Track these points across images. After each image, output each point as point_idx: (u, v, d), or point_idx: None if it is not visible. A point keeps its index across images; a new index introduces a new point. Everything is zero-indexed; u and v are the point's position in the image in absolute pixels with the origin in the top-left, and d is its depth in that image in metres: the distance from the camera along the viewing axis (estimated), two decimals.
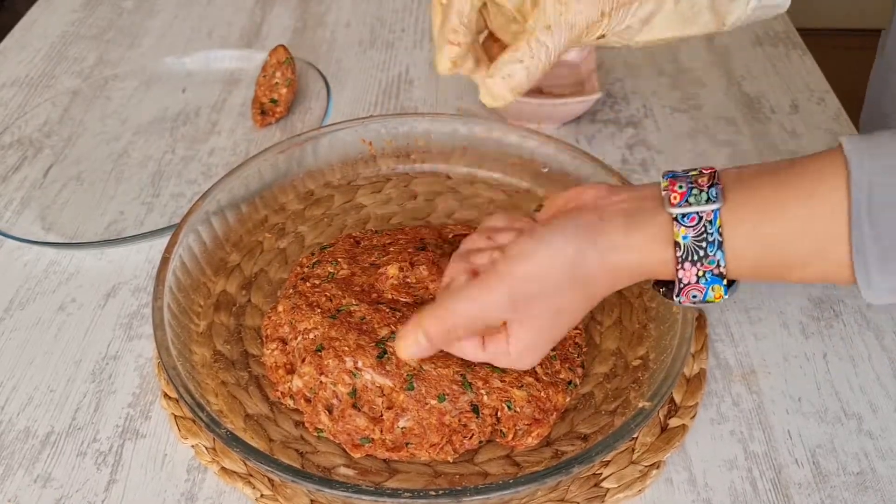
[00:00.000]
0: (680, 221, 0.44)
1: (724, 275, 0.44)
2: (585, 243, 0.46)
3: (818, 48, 1.03)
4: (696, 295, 0.46)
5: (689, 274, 0.45)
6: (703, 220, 0.44)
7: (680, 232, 0.44)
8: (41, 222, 0.74)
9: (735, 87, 0.89)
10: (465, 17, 0.48)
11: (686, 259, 0.44)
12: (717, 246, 0.44)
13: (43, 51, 0.99)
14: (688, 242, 0.44)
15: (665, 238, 0.45)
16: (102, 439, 0.57)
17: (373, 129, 0.73)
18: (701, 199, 0.44)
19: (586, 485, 0.53)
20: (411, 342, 0.49)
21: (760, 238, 0.43)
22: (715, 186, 0.44)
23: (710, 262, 0.44)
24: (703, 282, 0.45)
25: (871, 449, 0.55)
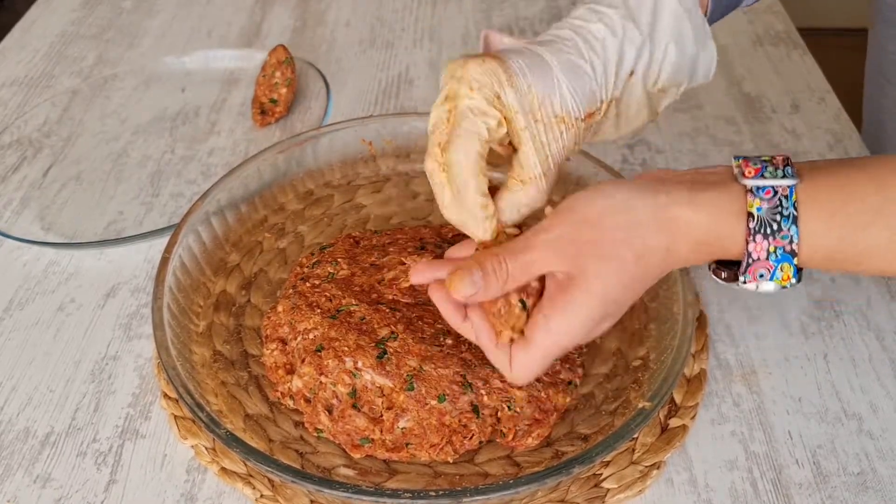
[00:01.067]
0: (755, 193, 0.43)
1: (796, 253, 0.43)
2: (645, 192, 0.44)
3: (818, 48, 1.03)
4: (764, 274, 0.44)
5: (760, 248, 0.43)
6: (779, 193, 0.43)
7: (755, 203, 0.43)
8: (40, 222, 0.74)
9: (735, 87, 0.89)
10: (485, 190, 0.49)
11: (758, 231, 0.43)
12: (791, 220, 0.43)
13: (42, 51, 0.99)
14: (762, 214, 0.43)
15: (737, 209, 0.43)
16: (102, 439, 0.57)
17: (373, 129, 0.73)
18: (777, 175, 0.43)
19: (587, 485, 0.53)
20: (465, 277, 0.46)
21: (837, 222, 0.43)
22: (790, 166, 0.44)
23: (783, 238, 0.43)
24: (774, 259, 0.43)
25: (871, 449, 0.55)
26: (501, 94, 0.47)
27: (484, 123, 0.47)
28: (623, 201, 0.44)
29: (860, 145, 0.81)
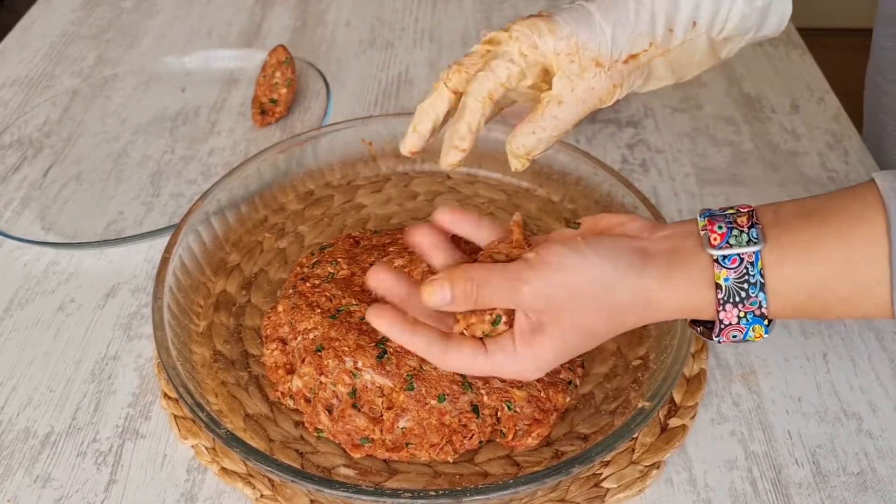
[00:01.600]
0: (721, 263, 0.44)
1: (766, 315, 0.44)
2: (628, 272, 0.45)
3: (818, 48, 1.03)
4: (737, 335, 0.45)
5: (731, 315, 0.45)
6: (745, 261, 0.44)
7: (721, 274, 0.44)
8: (41, 222, 0.74)
9: (735, 87, 0.89)
10: (473, 125, 0.50)
11: (728, 301, 0.44)
12: (759, 287, 0.44)
13: (42, 51, 0.99)
14: (729, 284, 0.44)
15: (706, 280, 0.44)
16: (102, 439, 0.57)
17: (373, 129, 0.73)
18: (742, 241, 0.44)
19: (586, 485, 0.53)
20: (437, 289, 0.47)
21: (803, 282, 0.43)
22: (755, 227, 0.44)
23: (752, 304, 0.44)
24: (745, 322, 0.45)
25: (871, 449, 0.55)
26: (539, 42, 0.49)
27: (507, 69, 0.49)
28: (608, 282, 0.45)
29: (860, 145, 0.81)
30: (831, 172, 0.77)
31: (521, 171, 0.72)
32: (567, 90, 0.49)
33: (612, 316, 0.46)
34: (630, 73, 0.50)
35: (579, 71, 0.49)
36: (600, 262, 0.45)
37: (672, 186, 0.76)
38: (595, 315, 0.46)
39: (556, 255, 0.46)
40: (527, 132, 0.50)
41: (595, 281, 0.45)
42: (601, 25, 0.49)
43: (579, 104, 0.49)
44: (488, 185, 0.73)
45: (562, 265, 0.45)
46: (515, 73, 0.49)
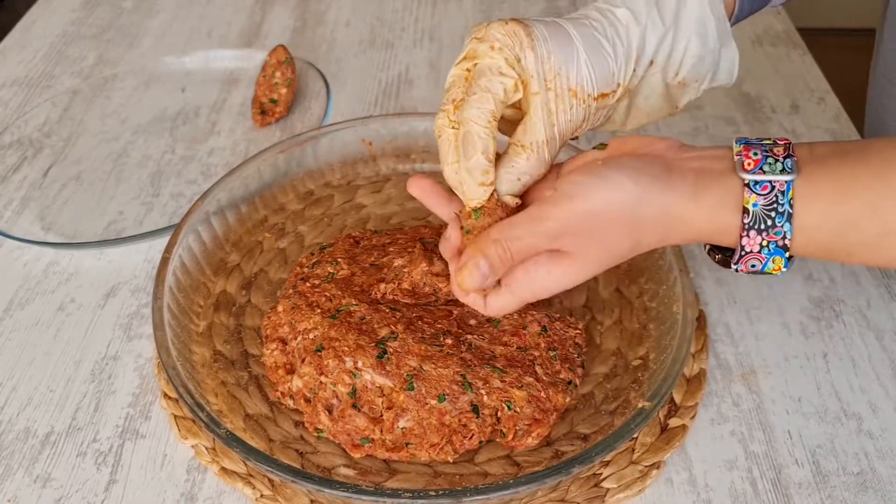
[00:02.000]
0: (752, 188, 0.43)
1: (788, 247, 0.44)
2: (651, 190, 0.45)
3: (818, 48, 1.03)
4: (756, 265, 0.45)
5: (753, 242, 0.44)
6: (776, 189, 0.43)
7: (751, 199, 0.43)
8: (41, 222, 0.74)
9: (735, 87, 0.89)
10: (491, 154, 0.48)
11: (752, 227, 0.44)
12: (786, 217, 0.43)
13: (42, 51, 0.99)
14: (757, 210, 0.43)
15: (733, 203, 0.44)
16: (102, 439, 0.57)
17: (373, 129, 0.73)
18: (776, 169, 0.43)
19: (586, 485, 0.53)
20: (472, 268, 0.47)
21: (831, 218, 0.43)
22: (790, 157, 0.44)
23: (776, 233, 0.44)
24: (766, 252, 0.44)
25: (871, 449, 0.55)
26: (522, 57, 0.48)
27: (501, 84, 0.47)
28: (631, 198, 0.45)
29: None
30: None
31: None
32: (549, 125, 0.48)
33: (634, 232, 0.46)
34: (597, 110, 0.50)
35: (557, 100, 0.48)
36: (621, 179, 0.45)
37: None
38: (617, 234, 0.46)
39: (572, 185, 0.45)
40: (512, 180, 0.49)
41: (616, 201, 0.45)
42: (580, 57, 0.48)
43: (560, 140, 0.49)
44: None
45: (578, 193, 0.45)
46: (510, 86, 0.48)
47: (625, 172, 0.45)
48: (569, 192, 0.45)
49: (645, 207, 0.45)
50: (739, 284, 0.66)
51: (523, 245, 0.46)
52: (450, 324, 0.57)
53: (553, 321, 0.59)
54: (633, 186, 0.45)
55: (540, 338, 0.57)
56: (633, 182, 0.45)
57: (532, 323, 0.57)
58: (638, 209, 0.45)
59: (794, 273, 0.67)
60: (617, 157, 0.47)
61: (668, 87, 0.52)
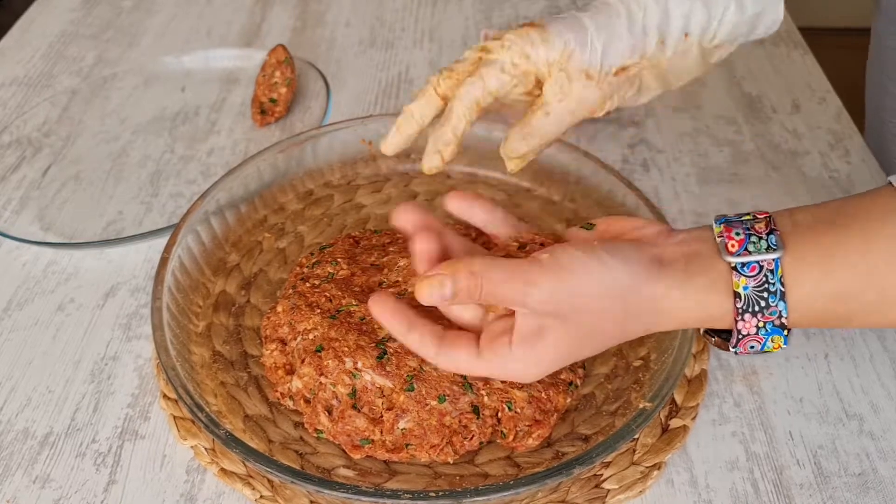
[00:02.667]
0: (739, 271, 0.43)
1: (786, 325, 0.43)
2: (644, 279, 0.44)
3: (819, 47, 1.02)
4: (755, 346, 0.44)
5: (749, 325, 0.43)
6: (765, 269, 0.42)
7: (740, 282, 0.43)
8: (40, 222, 0.74)
9: (736, 87, 0.89)
10: (459, 131, 0.50)
11: (746, 310, 0.43)
12: (779, 296, 0.42)
13: (41, 50, 0.99)
14: (748, 293, 0.43)
15: (724, 287, 0.43)
16: (101, 440, 0.57)
17: (373, 129, 0.73)
18: (761, 248, 0.42)
19: (587, 486, 0.53)
20: (436, 284, 0.44)
21: (825, 290, 0.42)
22: (774, 233, 0.43)
23: (771, 313, 0.43)
24: (763, 332, 0.43)
25: (872, 450, 0.55)
26: (531, 52, 0.50)
27: (497, 79, 0.50)
28: (623, 286, 0.43)
29: (861, 145, 0.81)
30: (833, 172, 0.77)
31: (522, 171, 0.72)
32: (555, 100, 0.50)
33: (624, 322, 0.45)
34: (620, 85, 0.51)
35: (569, 82, 0.49)
36: (616, 266, 0.44)
37: (673, 186, 0.76)
38: (605, 321, 0.44)
39: (570, 258, 0.44)
40: (517, 138, 0.51)
41: (610, 286, 0.43)
42: (593, 38, 0.49)
43: (567, 115, 0.50)
44: (488, 184, 0.73)
45: (575, 269, 0.43)
46: (506, 83, 0.50)
47: (619, 259, 0.44)
48: (565, 263, 0.43)
49: (635, 299, 0.44)
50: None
51: (498, 295, 0.44)
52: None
53: None
54: (627, 277, 0.43)
55: None
56: (627, 272, 0.43)
57: None
58: (628, 297, 0.44)
59: None
60: (612, 241, 0.46)
61: (704, 50, 0.52)
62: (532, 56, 0.49)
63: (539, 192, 0.71)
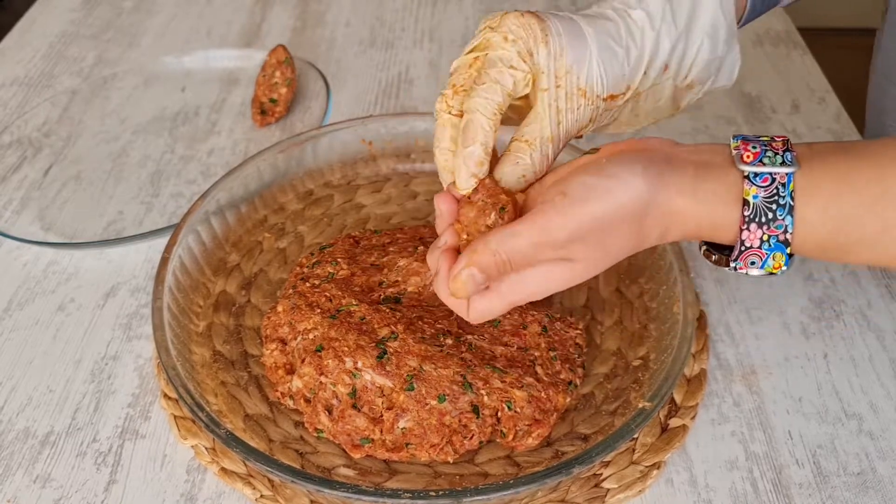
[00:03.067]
0: (752, 180, 0.43)
1: (790, 242, 0.43)
2: (656, 184, 0.43)
3: (819, 48, 1.02)
4: (755, 261, 0.44)
5: (754, 236, 0.43)
6: (777, 181, 0.42)
7: (751, 191, 0.42)
8: (40, 222, 0.74)
9: (736, 87, 0.89)
10: (489, 147, 0.48)
11: (753, 220, 0.43)
12: (787, 210, 0.42)
13: (42, 50, 0.99)
14: (758, 202, 0.42)
15: (733, 197, 0.43)
16: (102, 440, 0.57)
17: (373, 129, 0.73)
18: (776, 161, 0.43)
19: (587, 485, 0.53)
20: (467, 280, 0.44)
21: (832, 213, 0.42)
22: (789, 152, 0.43)
23: (777, 227, 0.43)
24: (766, 247, 0.43)
25: (871, 449, 0.55)
26: (535, 51, 0.47)
27: (511, 77, 0.47)
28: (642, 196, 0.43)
29: None
30: None
31: None
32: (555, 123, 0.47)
33: (638, 231, 0.45)
34: (605, 111, 0.49)
35: (566, 99, 0.47)
36: (631, 178, 0.43)
37: None
38: (623, 235, 0.44)
39: (583, 187, 0.43)
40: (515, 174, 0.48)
41: (627, 201, 0.43)
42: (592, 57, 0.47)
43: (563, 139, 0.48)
44: None
45: (590, 197, 0.43)
46: (521, 80, 0.47)
47: (634, 169, 0.44)
48: (581, 196, 0.43)
49: (649, 205, 0.44)
50: (740, 285, 0.66)
51: (526, 257, 0.44)
52: (450, 324, 0.56)
53: (553, 321, 0.58)
54: (643, 183, 0.43)
55: (540, 338, 0.57)
56: (643, 178, 0.43)
57: (532, 323, 0.57)
58: (645, 207, 0.44)
59: (794, 273, 0.67)
60: (620, 154, 0.45)
61: (676, 89, 0.51)
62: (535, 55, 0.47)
63: None
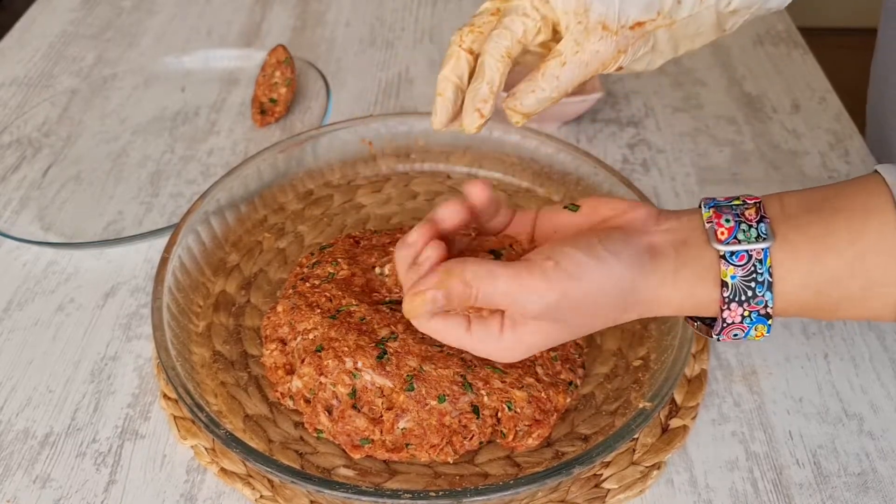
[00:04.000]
0: (728, 260, 0.43)
1: (771, 315, 0.43)
2: (640, 274, 0.44)
3: (819, 47, 1.02)
4: (738, 334, 0.44)
5: (735, 314, 0.43)
6: (753, 258, 0.42)
7: (728, 271, 0.42)
8: (40, 222, 0.74)
9: (736, 87, 0.89)
10: (494, 86, 0.48)
11: (733, 299, 0.43)
12: (766, 287, 0.42)
13: (42, 50, 0.99)
14: (736, 282, 0.42)
15: (713, 276, 0.43)
16: (102, 440, 0.57)
17: (373, 129, 0.73)
18: (751, 236, 0.42)
19: (587, 485, 0.53)
20: (428, 301, 0.44)
21: (813, 280, 0.42)
22: (763, 221, 0.43)
23: (757, 303, 0.43)
24: (748, 322, 0.43)
25: (872, 449, 0.55)
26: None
27: (522, 24, 0.48)
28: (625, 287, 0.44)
29: (861, 145, 0.81)
30: (832, 172, 0.77)
31: (522, 171, 0.72)
32: (571, 52, 0.48)
33: (617, 314, 0.45)
34: (636, 40, 0.48)
35: (585, 33, 0.47)
36: (615, 264, 0.44)
37: (673, 186, 0.76)
38: (600, 316, 0.45)
39: (575, 265, 0.43)
40: (527, 91, 0.48)
41: (610, 288, 0.44)
42: None
43: (582, 67, 0.48)
44: None
45: (579, 276, 0.43)
46: (532, 28, 0.48)
47: (617, 256, 0.44)
48: (569, 270, 0.43)
49: (631, 291, 0.44)
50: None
51: (495, 303, 0.44)
52: None
53: None
54: (626, 272, 0.44)
55: None
56: (626, 266, 0.44)
57: None
58: (625, 293, 0.44)
59: None
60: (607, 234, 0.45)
61: (719, 15, 0.50)
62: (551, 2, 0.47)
63: (539, 192, 0.71)
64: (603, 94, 0.81)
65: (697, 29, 0.50)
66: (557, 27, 0.48)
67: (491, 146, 0.72)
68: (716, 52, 0.94)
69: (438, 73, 0.50)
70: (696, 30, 0.50)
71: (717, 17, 0.50)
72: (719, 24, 0.51)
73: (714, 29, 0.51)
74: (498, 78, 0.48)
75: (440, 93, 0.50)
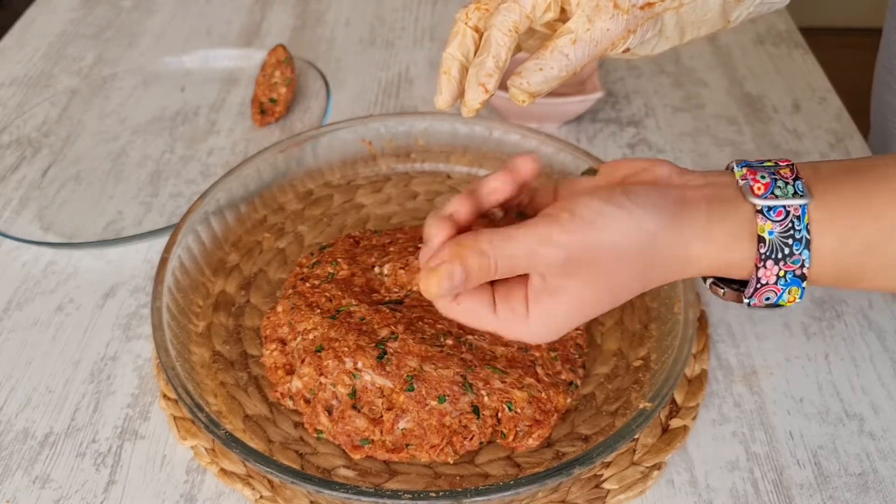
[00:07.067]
0: (765, 214, 0.41)
1: (806, 276, 0.41)
2: (668, 224, 0.41)
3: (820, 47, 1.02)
4: (771, 297, 0.42)
5: (770, 273, 0.41)
6: (791, 214, 0.40)
7: (766, 226, 0.41)
8: (39, 222, 0.74)
9: (737, 87, 0.89)
10: (501, 60, 0.47)
11: (769, 256, 0.41)
12: (804, 244, 0.41)
13: (41, 50, 0.99)
14: (773, 238, 0.41)
15: (748, 233, 0.41)
16: (101, 440, 0.57)
17: (373, 129, 0.73)
18: (787, 192, 0.41)
19: (587, 486, 0.53)
20: (444, 275, 0.41)
21: (851, 242, 0.41)
22: (799, 180, 0.41)
23: (794, 262, 0.41)
24: (782, 283, 0.42)
25: (872, 450, 0.55)
26: None
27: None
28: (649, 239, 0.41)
29: (862, 145, 0.81)
30: None
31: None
32: (582, 29, 0.46)
33: (646, 273, 0.42)
34: (645, 20, 0.47)
35: (597, 10, 0.46)
36: (641, 214, 0.41)
37: None
38: (628, 274, 0.42)
39: (593, 212, 0.41)
40: (534, 69, 0.46)
41: (637, 239, 0.41)
42: None
43: (592, 45, 0.46)
44: None
45: (599, 223, 0.41)
46: (542, 3, 0.46)
47: (647, 210, 0.41)
48: (588, 217, 0.41)
49: (660, 249, 0.42)
50: None
51: (516, 266, 0.41)
52: (450, 324, 0.56)
53: None
54: (653, 226, 0.41)
55: None
56: (655, 221, 0.41)
57: None
58: (654, 247, 0.41)
59: None
60: (634, 188, 0.43)
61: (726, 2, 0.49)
62: None
63: None
64: (603, 94, 0.81)
65: (704, 15, 0.49)
66: (566, 5, 0.47)
67: (491, 146, 0.72)
68: (716, 52, 0.94)
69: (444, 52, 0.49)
70: (702, 15, 0.49)
71: (723, 4, 0.49)
72: (725, 12, 0.50)
73: (719, 17, 0.50)
74: (504, 52, 0.46)
75: (445, 71, 0.48)
